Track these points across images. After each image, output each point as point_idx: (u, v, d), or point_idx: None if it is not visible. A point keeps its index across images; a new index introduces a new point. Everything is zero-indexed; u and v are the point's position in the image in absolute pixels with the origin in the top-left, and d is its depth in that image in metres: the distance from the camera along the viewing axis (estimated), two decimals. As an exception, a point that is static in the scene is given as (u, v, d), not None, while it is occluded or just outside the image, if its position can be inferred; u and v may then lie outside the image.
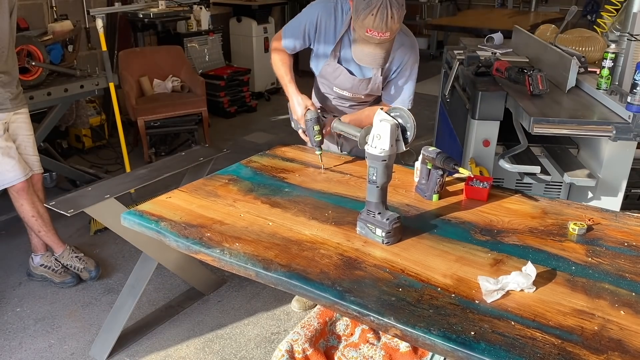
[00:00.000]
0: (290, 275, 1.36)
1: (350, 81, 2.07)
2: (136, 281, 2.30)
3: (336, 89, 2.15)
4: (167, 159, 2.80)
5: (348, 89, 2.11)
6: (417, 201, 1.77)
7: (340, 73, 2.07)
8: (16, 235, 3.16)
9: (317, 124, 2.02)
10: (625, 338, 1.13)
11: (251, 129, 5.24)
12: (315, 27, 2.03)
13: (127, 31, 4.98)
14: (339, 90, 2.14)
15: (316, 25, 2.03)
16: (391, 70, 2.03)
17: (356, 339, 1.72)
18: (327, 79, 2.14)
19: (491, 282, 1.27)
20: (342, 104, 2.22)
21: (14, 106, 2.53)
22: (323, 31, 2.03)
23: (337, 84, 2.12)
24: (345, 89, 2.12)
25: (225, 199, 1.78)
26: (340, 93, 2.15)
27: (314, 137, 2.03)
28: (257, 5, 5.87)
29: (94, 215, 2.36)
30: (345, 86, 2.11)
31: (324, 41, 2.06)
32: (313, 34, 2.05)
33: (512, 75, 2.54)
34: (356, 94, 2.12)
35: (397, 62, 2.00)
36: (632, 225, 1.62)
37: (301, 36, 2.07)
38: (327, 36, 2.04)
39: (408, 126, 1.48)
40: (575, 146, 2.69)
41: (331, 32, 2.02)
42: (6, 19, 2.42)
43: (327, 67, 2.09)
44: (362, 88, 2.08)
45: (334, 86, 2.14)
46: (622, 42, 2.40)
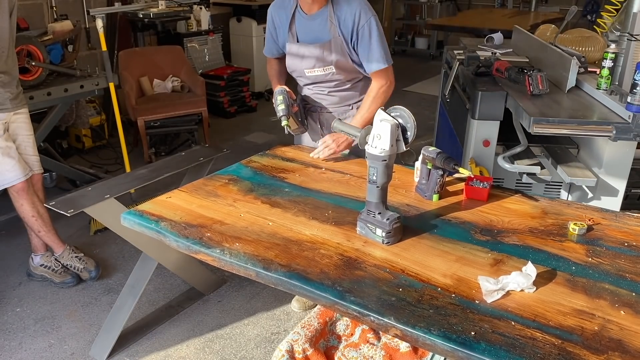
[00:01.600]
0: (290, 275, 1.36)
1: (314, 51, 2.12)
2: (136, 281, 2.30)
3: (307, 72, 2.19)
4: (167, 159, 2.80)
5: (317, 64, 2.15)
6: (417, 201, 1.77)
7: (303, 51, 2.15)
8: (16, 235, 3.16)
9: (281, 95, 2.11)
10: (625, 338, 1.13)
11: (251, 129, 5.24)
12: (273, 24, 2.22)
13: (127, 31, 4.98)
14: (310, 72, 2.18)
15: (273, 22, 2.21)
16: (348, 30, 2.06)
17: (356, 339, 1.72)
18: (296, 66, 2.20)
19: (491, 282, 1.27)
20: (321, 90, 2.25)
21: (14, 106, 2.53)
22: (278, 23, 2.19)
23: (304, 64, 2.17)
24: (314, 67, 2.16)
25: (225, 199, 1.78)
26: (313, 75, 2.19)
27: (278, 106, 2.09)
28: (257, 5, 5.87)
29: (94, 215, 2.36)
30: (312, 62, 2.15)
31: (282, 31, 2.19)
32: (274, 32, 2.23)
33: (512, 75, 2.54)
34: (326, 66, 2.14)
35: (349, 21, 2.04)
36: (632, 225, 1.62)
37: (270, 38, 2.27)
38: (282, 24, 2.18)
39: (408, 126, 1.48)
40: (575, 146, 2.69)
41: (284, 18, 2.16)
42: (6, 19, 2.42)
43: (290, 50, 2.18)
44: (327, 55, 2.11)
45: (305, 70, 2.19)
46: (622, 42, 2.40)
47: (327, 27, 2.08)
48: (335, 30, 2.07)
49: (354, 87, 2.24)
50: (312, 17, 2.09)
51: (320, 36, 2.10)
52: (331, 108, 2.28)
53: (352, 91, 2.24)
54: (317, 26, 2.10)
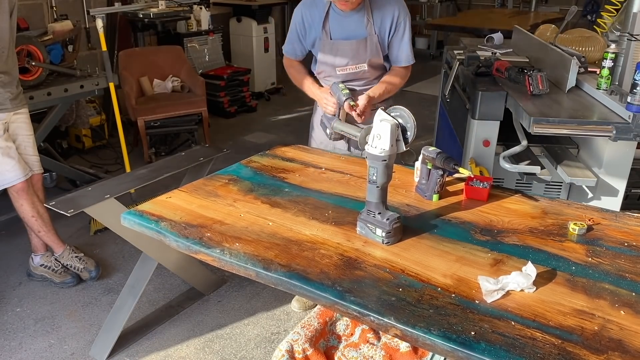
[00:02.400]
0: (290, 275, 1.36)
1: (349, 49, 2.13)
2: (136, 281, 2.30)
3: (339, 70, 2.19)
4: (167, 159, 2.80)
5: (350, 61, 2.16)
6: (417, 201, 1.77)
7: (337, 47, 2.15)
8: (16, 235, 3.16)
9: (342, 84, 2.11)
10: (625, 338, 1.13)
11: (251, 129, 5.24)
12: (302, 23, 2.19)
13: (127, 31, 4.98)
14: (341, 70, 2.19)
15: (302, 20, 2.18)
16: (385, 29, 2.12)
17: (356, 339, 1.72)
18: (327, 63, 2.19)
19: (491, 282, 1.27)
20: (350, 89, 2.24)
21: (14, 106, 2.53)
22: (310, 21, 2.17)
23: (337, 63, 2.17)
24: (347, 65, 2.17)
25: (225, 199, 1.78)
26: (344, 72, 2.19)
27: (341, 91, 2.07)
28: (257, 5, 5.87)
29: (94, 215, 2.36)
30: (345, 59, 2.16)
31: (314, 29, 2.17)
32: (303, 31, 2.20)
33: (512, 75, 2.54)
34: (359, 64, 2.17)
35: (388, 19, 2.11)
36: (632, 225, 1.62)
37: (296, 37, 2.24)
38: (314, 22, 2.16)
39: (408, 126, 1.48)
40: (575, 146, 2.69)
41: (316, 16, 2.15)
42: (6, 19, 2.42)
43: (324, 47, 2.16)
44: (362, 53, 2.13)
45: (336, 68, 2.19)
46: (622, 42, 2.40)
47: (363, 24, 2.10)
48: (371, 28, 2.10)
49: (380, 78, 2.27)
50: (348, 14, 2.11)
51: (356, 33, 2.12)
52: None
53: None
54: (353, 23, 2.11)
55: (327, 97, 2.16)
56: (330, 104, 2.14)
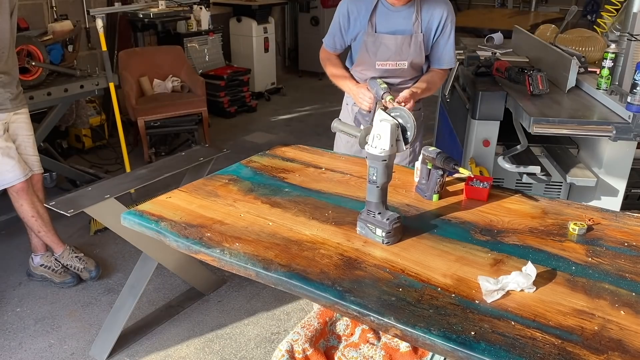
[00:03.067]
0: (290, 275, 1.36)
1: (393, 44, 2.11)
2: (136, 281, 2.30)
3: (378, 65, 2.17)
4: (167, 159, 2.80)
5: (391, 57, 2.14)
6: (417, 201, 1.77)
7: (380, 40, 2.13)
8: (16, 235, 3.16)
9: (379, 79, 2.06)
10: (625, 338, 1.13)
11: (251, 129, 5.24)
12: (347, 16, 2.17)
13: (127, 31, 4.97)
14: (381, 66, 2.17)
15: (347, 13, 2.16)
16: (431, 29, 2.11)
17: (356, 339, 1.72)
18: (369, 56, 2.16)
19: (491, 282, 1.27)
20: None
21: (14, 106, 2.53)
22: (355, 14, 2.15)
23: (379, 57, 2.15)
24: (388, 60, 2.15)
25: (225, 199, 1.78)
26: (384, 68, 2.17)
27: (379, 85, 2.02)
28: (257, 5, 5.87)
29: (94, 215, 2.36)
30: (387, 54, 2.14)
31: (360, 22, 2.15)
32: (347, 23, 2.18)
33: (512, 75, 2.54)
34: (399, 62, 2.15)
35: (436, 20, 2.09)
36: (632, 225, 1.62)
37: (338, 30, 2.22)
38: (360, 15, 2.14)
39: (408, 126, 1.48)
40: (575, 146, 2.69)
41: (363, 9, 2.13)
42: (7, 20, 2.42)
43: (367, 40, 2.14)
44: (405, 50, 2.12)
45: (376, 62, 2.16)
46: (622, 42, 2.40)
47: (411, 21, 2.09)
48: (418, 26, 2.09)
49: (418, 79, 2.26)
50: (398, 9, 2.09)
51: (402, 29, 2.11)
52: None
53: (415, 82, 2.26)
54: (402, 19, 2.10)
55: (364, 91, 2.12)
56: (367, 99, 2.11)
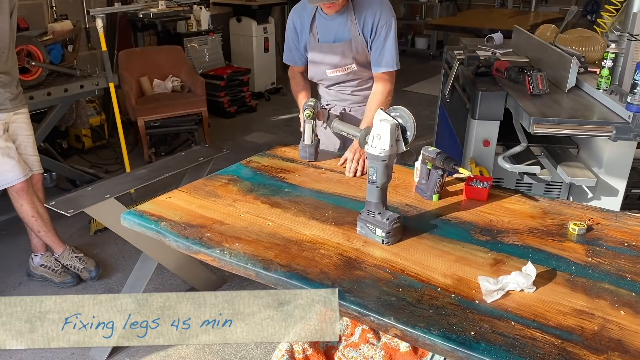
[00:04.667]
0: (290, 275, 1.36)
1: (336, 50, 2.14)
2: (136, 281, 2.30)
3: (329, 73, 2.21)
4: (167, 159, 2.80)
5: (338, 63, 2.17)
6: (417, 201, 1.77)
7: (325, 50, 2.16)
8: (16, 235, 3.16)
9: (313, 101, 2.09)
10: (625, 338, 1.13)
11: (251, 129, 5.24)
12: (294, 29, 2.22)
13: (127, 31, 4.97)
14: (332, 72, 2.20)
15: (294, 27, 2.21)
16: (368, 29, 2.10)
17: (356, 339, 1.72)
18: (318, 65, 2.21)
19: (491, 282, 1.27)
20: (344, 90, 2.27)
21: (14, 106, 2.52)
22: (300, 26, 2.19)
23: (326, 65, 2.19)
24: (336, 65, 2.18)
25: (225, 199, 1.78)
26: (335, 75, 2.21)
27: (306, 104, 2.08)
28: (257, 5, 5.87)
29: (94, 215, 2.36)
30: (334, 60, 2.17)
31: (305, 33, 2.19)
32: (295, 37, 2.22)
33: (512, 75, 2.54)
34: (347, 65, 2.17)
35: (369, 22, 2.08)
36: (632, 225, 1.62)
37: (293, 46, 2.25)
38: (304, 27, 2.18)
39: (408, 126, 1.48)
40: (575, 146, 2.69)
41: (305, 20, 2.17)
42: (6, 20, 2.42)
43: (313, 50, 2.19)
44: (348, 54, 2.13)
45: (326, 69, 2.20)
46: (622, 42, 2.40)
47: (347, 26, 2.11)
48: (355, 29, 2.09)
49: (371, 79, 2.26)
50: (332, 17, 2.11)
51: (341, 36, 2.13)
52: (354, 108, 2.30)
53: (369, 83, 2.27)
54: (337, 26, 2.12)
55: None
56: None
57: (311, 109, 2.03)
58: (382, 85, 2.15)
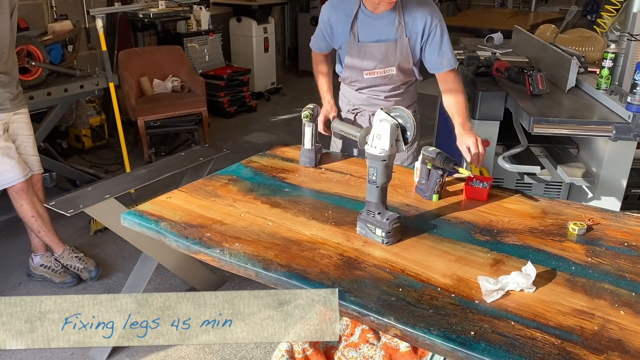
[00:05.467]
0: (290, 275, 1.36)
1: (378, 51, 2.06)
2: (136, 281, 2.30)
3: (366, 74, 2.13)
4: (167, 159, 2.80)
5: (378, 65, 2.09)
6: (417, 201, 1.77)
7: (365, 49, 2.07)
8: (16, 235, 3.16)
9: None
10: (625, 338, 1.13)
11: (251, 129, 5.24)
12: (329, 24, 2.12)
13: (127, 31, 4.97)
14: (369, 74, 2.12)
15: (329, 22, 2.12)
16: (417, 32, 2.03)
17: (356, 339, 1.72)
18: (355, 66, 2.12)
19: (491, 282, 1.27)
20: (376, 95, 2.19)
21: (14, 106, 2.52)
22: (336, 23, 2.10)
23: (365, 65, 2.10)
24: (375, 68, 2.10)
25: (225, 199, 1.78)
26: (372, 77, 2.13)
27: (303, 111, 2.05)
28: (257, 5, 5.87)
29: (94, 215, 2.36)
30: (374, 63, 2.09)
31: (341, 31, 2.10)
32: (329, 30, 2.14)
33: (512, 75, 2.54)
34: (387, 69, 2.09)
35: (420, 23, 2.01)
36: (632, 225, 1.62)
37: (322, 36, 2.18)
38: (341, 24, 2.09)
39: (408, 126, 1.48)
40: (575, 146, 2.69)
41: (343, 18, 2.08)
42: (7, 20, 2.42)
43: (351, 50, 2.09)
44: (392, 56, 2.06)
45: (364, 71, 2.12)
46: (622, 42, 2.40)
47: (394, 27, 2.02)
48: (402, 30, 2.02)
49: (407, 91, 2.21)
50: (379, 16, 2.03)
51: (386, 36, 2.04)
52: None
53: (405, 95, 2.21)
54: (383, 26, 2.03)
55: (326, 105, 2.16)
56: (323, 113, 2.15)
57: (310, 110, 2.02)
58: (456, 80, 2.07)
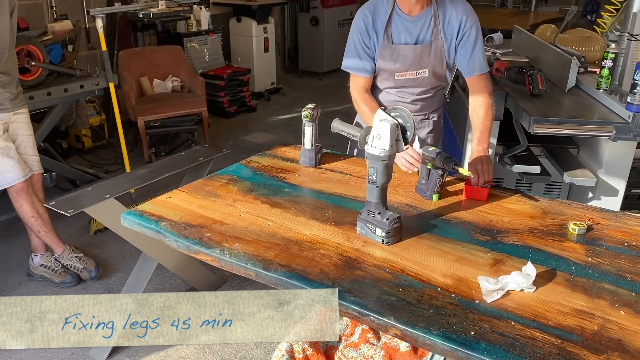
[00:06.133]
0: (290, 275, 1.36)
1: (412, 54, 2.01)
2: (136, 281, 2.30)
3: (398, 76, 2.06)
4: (167, 159, 2.80)
5: (411, 67, 2.03)
6: (417, 201, 1.77)
7: (398, 51, 2.02)
8: (16, 235, 3.16)
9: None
10: (625, 338, 1.13)
11: (251, 129, 5.24)
12: (366, 31, 2.02)
13: (127, 31, 4.97)
14: (400, 75, 2.06)
15: (365, 28, 2.01)
16: (452, 34, 1.99)
17: (356, 339, 1.72)
18: (387, 68, 2.06)
19: (491, 282, 1.27)
20: (403, 97, 2.13)
21: (14, 106, 2.53)
22: (372, 28, 2.01)
23: (397, 68, 2.05)
24: (407, 70, 2.04)
25: (225, 199, 1.78)
26: (403, 78, 2.07)
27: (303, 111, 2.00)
28: (257, 5, 5.87)
29: (94, 215, 2.36)
30: (407, 65, 2.03)
31: (376, 34, 2.02)
32: (367, 38, 2.02)
33: (512, 75, 2.54)
34: (419, 71, 2.04)
35: (455, 23, 1.97)
36: (632, 225, 1.62)
37: (360, 47, 2.04)
38: (376, 26, 2.01)
39: (408, 126, 1.48)
40: (575, 146, 2.69)
41: (379, 21, 2.00)
42: (6, 20, 2.42)
43: (384, 52, 2.02)
44: (425, 58, 2.02)
45: (395, 73, 2.06)
46: (622, 42, 2.40)
47: (430, 28, 1.99)
48: (438, 32, 1.98)
49: (435, 95, 2.17)
50: (415, 18, 1.99)
51: (420, 38, 2.01)
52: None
53: (432, 99, 2.17)
54: (419, 28, 2.00)
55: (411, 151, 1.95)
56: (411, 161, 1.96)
57: (310, 110, 2.01)
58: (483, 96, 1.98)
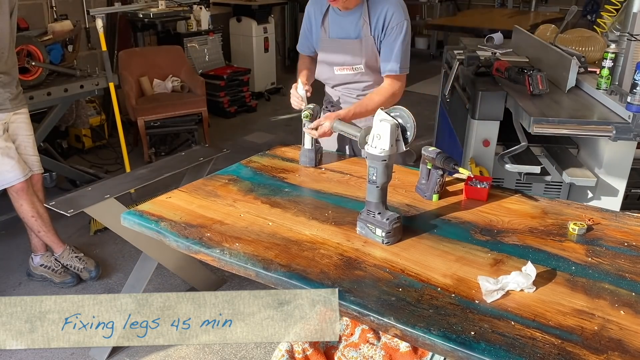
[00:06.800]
0: (290, 275, 1.36)
1: (345, 47, 2.10)
2: (136, 281, 2.30)
3: (337, 70, 2.17)
4: (167, 159, 2.80)
5: (347, 61, 2.12)
6: (417, 201, 1.77)
7: (334, 46, 2.13)
8: (16, 235, 3.16)
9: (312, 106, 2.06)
10: (625, 338, 1.13)
11: (251, 129, 5.24)
12: (309, 20, 2.20)
13: (127, 31, 4.98)
14: (339, 70, 2.16)
15: (309, 18, 2.19)
16: (379, 30, 2.06)
17: (356, 339, 1.72)
18: (326, 61, 2.18)
19: (491, 282, 1.27)
20: (349, 93, 2.21)
21: (14, 106, 2.53)
22: (313, 17, 2.18)
23: (335, 60, 2.15)
24: (344, 64, 2.14)
25: (225, 199, 1.78)
26: (342, 74, 2.16)
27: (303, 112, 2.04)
28: (257, 5, 5.87)
29: (94, 215, 2.36)
30: (343, 58, 2.13)
31: (317, 26, 2.18)
32: (309, 26, 2.21)
33: (512, 75, 2.54)
34: (356, 65, 2.12)
35: (381, 21, 2.04)
36: (632, 225, 1.62)
37: (304, 36, 2.24)
38: (317, 19, 2.17)
39: (408, 126, 1.48)
40: (575, 146, 2.69)
41: (318, 13, 2.15)
42: (6, 20, 2.42)
43: (323, 45, 2.16)
44: (358, 53, 2.09)
45: (334, 67, 2.16)
46: (622, 42, 2.40)
47: (359, 25, 2.06)
48: (367, 29, 2.05)
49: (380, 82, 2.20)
50: (346, 13, 2.07)
51: (352, 34, 2.09)
52: None
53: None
54: (349, 23, 2.08)
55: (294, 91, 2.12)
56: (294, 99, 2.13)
57: (310, 110, 2.02)
58: (386, 86, 2.11)
